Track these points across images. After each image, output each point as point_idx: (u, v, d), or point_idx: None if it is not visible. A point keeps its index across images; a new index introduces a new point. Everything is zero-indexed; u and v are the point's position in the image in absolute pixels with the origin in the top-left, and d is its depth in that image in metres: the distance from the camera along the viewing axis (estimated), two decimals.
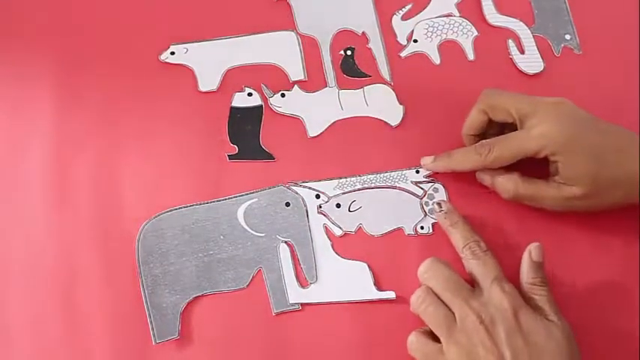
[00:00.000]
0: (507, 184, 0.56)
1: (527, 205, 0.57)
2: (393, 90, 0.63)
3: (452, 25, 0.65)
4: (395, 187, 0.60)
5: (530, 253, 0.53)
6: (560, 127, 0.53)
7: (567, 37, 0.65)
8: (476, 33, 0.65)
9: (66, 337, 0.57)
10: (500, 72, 0.64)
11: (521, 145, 0.54)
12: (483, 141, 0.56)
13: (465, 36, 0.65)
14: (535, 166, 0.56)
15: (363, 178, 0.60)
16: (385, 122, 0.62)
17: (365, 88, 0.63)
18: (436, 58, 0.65)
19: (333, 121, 0.62)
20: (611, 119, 0.56)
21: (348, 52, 0.65)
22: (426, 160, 0.59)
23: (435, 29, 0.65)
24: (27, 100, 0.63)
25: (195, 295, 0.57)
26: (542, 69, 0.64)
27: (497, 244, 0.58)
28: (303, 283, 0.58)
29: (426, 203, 0.59)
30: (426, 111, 0.63)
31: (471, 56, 0.65)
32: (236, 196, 0.60)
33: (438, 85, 0.64)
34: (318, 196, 0.60)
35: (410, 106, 0.63)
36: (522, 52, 0.65)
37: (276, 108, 0.62)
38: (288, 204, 0.59)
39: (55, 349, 0.57)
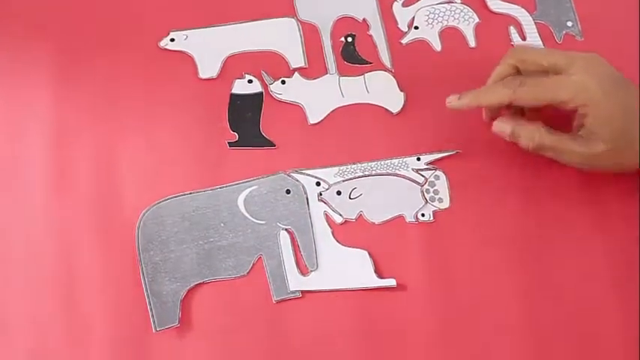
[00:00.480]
0: (532, 133, 0.53)
1: (547, 157, 0.55)
2: (394, 77, 0.62)
3: (453, 12, 0.65)
4: (396, 175, 0.59)
5: None
6: (597, 80, 0.51)
7: (569, 23, 0.64)
8: (477, 20, 0.65)
9: (65, 325, 0.56)
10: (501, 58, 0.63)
11: (557, 87, 0.52)
12: (515, 76, 0.55)
13: (467, 23, 0.64)
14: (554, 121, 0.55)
15: (363, 165, 0.60)
16: (386, 109, 0.62)
17: (366, 75, 0.62)
18: (437, 45, 0.64)
19: (333, 108, 0.62)
20: None
21: (349, 39, 0.64)
22: (452, 98, 0.56)
23: (437, 16, 0.65)
24: (25, 86, 0.63)
25: (195, 283, 0.57)
26: None
27: (499, 231, 0.58)
28: (303, 270, 0.57)
29: (427, 191, 0.59)
30: (427, 98, 0.62)
31: (472, 43, 0.64)
32: (236, 184, 0.59)
33: (439, 72, 0.63)
34: (318, 184, 0.59)
35: (411, 93, 0.62)
36: (524, 38, 0.64)
37: (277, 95, 0.61)
38: (288, 191, 0.59)
39: (54, 336, 0.56)
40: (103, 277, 0.57)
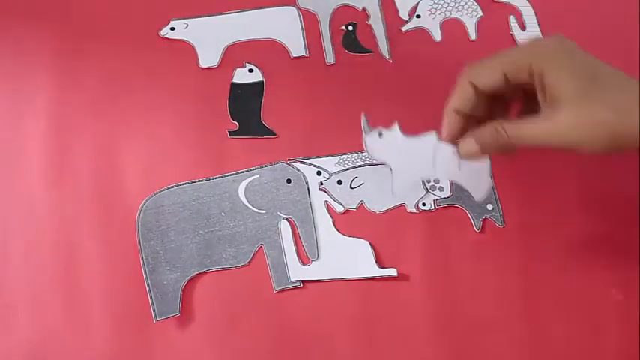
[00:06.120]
0: (494, 131, 0.45)
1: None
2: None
3: (457, 3, 0.61)
4: None
5: None
6: (554, 40, 0.44)
7: (489, 207, 0.56)
8: (481, 14, 0.61)
9: (66, 315, 0.54)
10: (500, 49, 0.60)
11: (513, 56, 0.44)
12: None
13: (470, 15, 0.61)
14: None
15: (364, 154, 0.56)
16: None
17: None
18: (437, 35, 0.61)
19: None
20: None
21: (350, 28, 0.61)
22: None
23: (440, 6, 0.61)
24: (27, 76, 0.60)
25: (196, 272, 0.54)
26: None
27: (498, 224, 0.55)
28: (304, 260, 0.54)
29: (427, 180, 0.56)
30: (426, 87, 0.59)
31: (473, 36, 0.61)
32: (237, 173, 0.56)
33: (438, 62, 0.60)
34: (319, 173, 0.56)
35: (409, 83, 0.59)
36: (523, 28, 0.61)
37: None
38: (289, 181, 0.56)
39: (55, 326, 0.53)
40: (104, 267, 0.55)
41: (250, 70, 0.59)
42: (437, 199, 0.55)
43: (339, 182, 0.56)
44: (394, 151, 0.51)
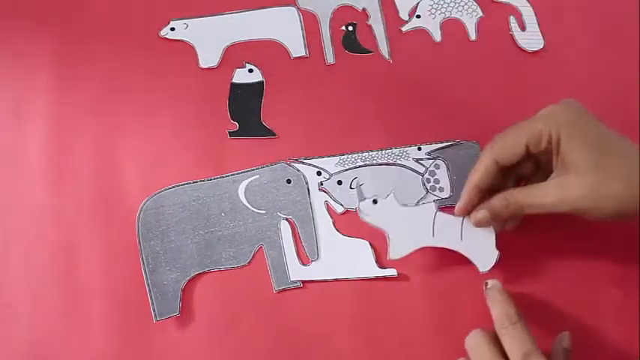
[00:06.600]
0: (503, 198, 0.48)
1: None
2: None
3: (457, 4, 0.61)
4: (396, 164, 0.56)
5: (562, 341, 0.48)
6: (565, 107, 0.47)
7: None
8: (481, 14, 0.61)
9: (66, 315, 0.53)
10: (500, 51, 0.60)
11: (525, 128, 0.47)
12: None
13: (470, 16, 0.61)
14: None
15: (364, 154, 0.56)
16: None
17: None
18: (437, 36, 0.60)
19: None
20: (610, 94, 0.54)
21: (350, 28, 0.60)
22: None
23: (440, 6, 0.61)
24: (26, 77, 0.60)
25: (196, 272, 0.54)
26: (542, 46, 0.60)
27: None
28: (304, 260, 0.54)
29: (427, 180, 0.56)
30: (426, 87, 0.59)
31: (473, 36, 0.61)
32: (237, 173, 0.56)
33: (438, 62, 0.60)
34: (319, 173, 0.56)
35: (409, 83, 0.59)
36: (523, 28, 0.61)
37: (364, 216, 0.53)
38: (289, 181, 0.56)
39: (55, 326, 0.53)
40: (104, 267, 0.54)
41: (250, 71, 0.59)
42: (437, 200, 0.55)
43: (339, 182, 0.56)
44: (390, 219, 0.52)
